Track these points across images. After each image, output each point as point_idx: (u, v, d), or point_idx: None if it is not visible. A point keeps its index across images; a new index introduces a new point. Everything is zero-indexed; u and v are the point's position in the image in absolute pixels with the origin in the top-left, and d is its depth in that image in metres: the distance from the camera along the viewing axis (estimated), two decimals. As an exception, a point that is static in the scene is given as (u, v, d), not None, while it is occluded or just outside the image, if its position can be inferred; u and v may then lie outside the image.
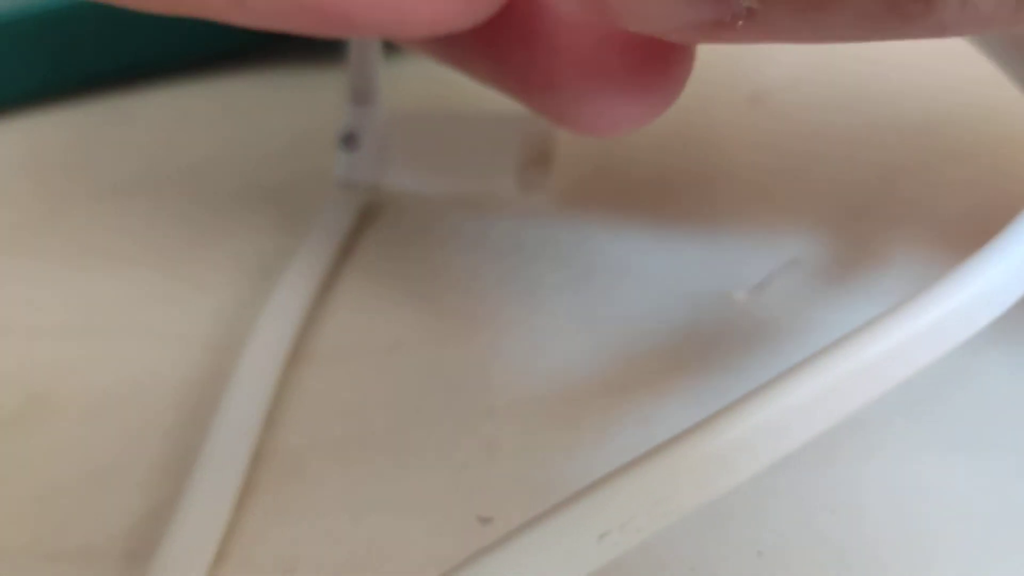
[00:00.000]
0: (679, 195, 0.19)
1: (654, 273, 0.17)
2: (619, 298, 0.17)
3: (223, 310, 0.17)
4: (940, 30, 0.08)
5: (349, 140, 0.19)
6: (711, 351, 0.16)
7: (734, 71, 0.23)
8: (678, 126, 0.21)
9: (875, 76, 0.22)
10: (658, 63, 0.10)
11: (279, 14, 0.10)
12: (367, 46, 0.18)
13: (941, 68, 0.22)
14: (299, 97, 0.24)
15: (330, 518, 0.13)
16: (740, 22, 0.08)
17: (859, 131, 0.20)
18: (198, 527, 0.13)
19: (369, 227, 0.19)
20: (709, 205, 0.19)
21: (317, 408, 0.15)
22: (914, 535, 0.12)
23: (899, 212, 0.18)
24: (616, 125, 0.11)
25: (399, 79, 0.23)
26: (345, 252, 0.18)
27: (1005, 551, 0.12)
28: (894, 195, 0.19)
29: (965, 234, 0.17)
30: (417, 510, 0.13)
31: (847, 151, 0.20)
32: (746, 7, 0.08)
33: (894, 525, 0.13)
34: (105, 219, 0.20)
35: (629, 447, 0.10)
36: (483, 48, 0.11)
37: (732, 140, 0.21)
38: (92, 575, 0.13)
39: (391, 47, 0.20)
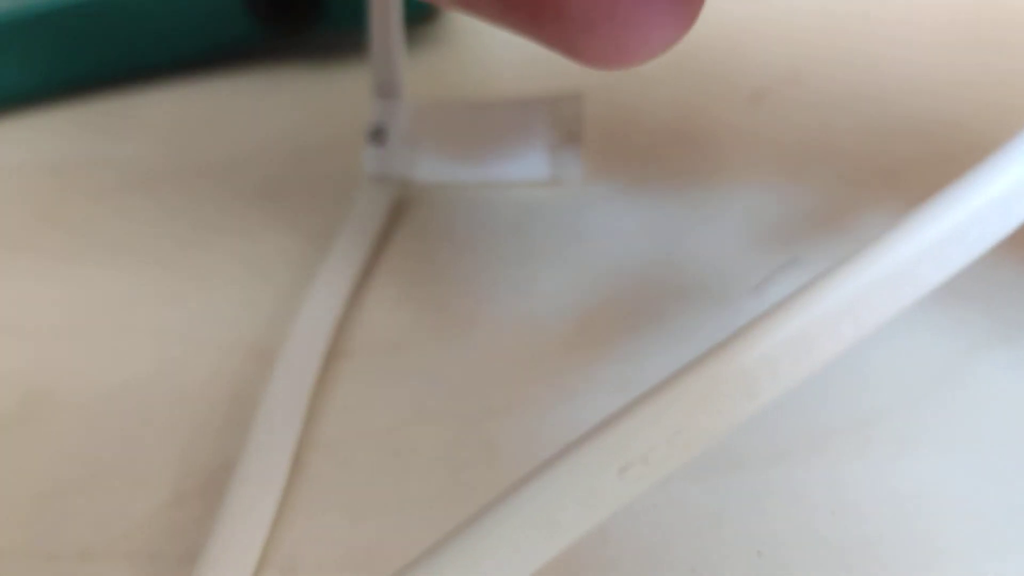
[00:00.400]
0: (680, 192, 0.19)
1: (656, 272, 0.17)
2: (625, 297, 0.17)
3: (238, 311, 0.17)
4: None
5: (377, 134, 0.19)
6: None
7: (735, 69, 0.23)
8: (679, 123, 0.21)
9: (875, 75, 0.22)
10: None
11: None
12: (389, 38, 0.18)
13: (941, 68, 0.22)
14: (321, 93, 0.24)
15: (330, 518, 0.13)
16: None
17: (858, 129, 0.20)
18: (242, 531, 0.13)
19: (401, 222, 0.19)
20: (709, 202, 0.19)
21: (317, 408, 0.15)
22: (914, 535, 0.12)
23: (900, 211, 0.18)
24: (629, 54, 0.11)
25: (422, 71, 0.23)
26: (377, 248, 0.18)
27: (1005, 551, 0.12)
28: (895, 193, 0.19)
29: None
30: (417, 510, 0.13)
31: (847, 149, 0.20)
32: None
33: (894, 525, 0.13)
34: (118, 218, 0.20)
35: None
36: None
37: (732, 137, 0.21)
38: (92, 575, 0.13)
39: (412, 40, 0.20)
